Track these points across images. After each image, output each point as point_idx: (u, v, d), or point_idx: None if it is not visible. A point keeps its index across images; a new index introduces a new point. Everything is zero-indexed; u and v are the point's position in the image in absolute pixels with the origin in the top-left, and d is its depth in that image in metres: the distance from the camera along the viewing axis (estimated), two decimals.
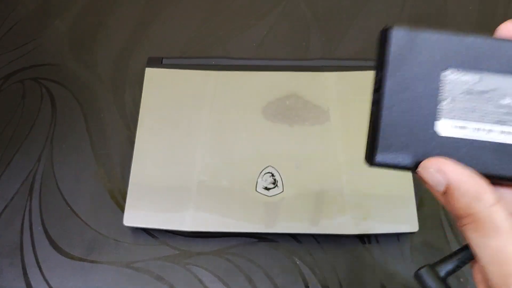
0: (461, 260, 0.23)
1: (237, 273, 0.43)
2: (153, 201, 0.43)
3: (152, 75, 0.50)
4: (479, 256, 0.21)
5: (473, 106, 0.22)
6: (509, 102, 0.22)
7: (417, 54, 0.22)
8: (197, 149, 0.46)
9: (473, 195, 0.21)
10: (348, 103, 0.47)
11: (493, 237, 0.20)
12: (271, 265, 0.43)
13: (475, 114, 0.22)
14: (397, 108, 0.22)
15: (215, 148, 0.46)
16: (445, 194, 0.21)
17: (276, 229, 0.42)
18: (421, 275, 0.23)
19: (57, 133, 0.50)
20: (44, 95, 0.52)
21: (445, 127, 0.22)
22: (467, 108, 0.22)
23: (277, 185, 0.44)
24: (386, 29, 0.23)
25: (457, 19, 0.57)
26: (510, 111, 0.22)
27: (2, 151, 0.49)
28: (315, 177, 0.44)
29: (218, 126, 0.47)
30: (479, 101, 0.22)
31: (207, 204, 0.43)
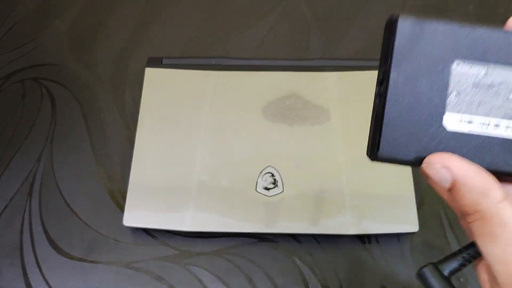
0: (465, 258, 0.23)
1: (237, 273, 0.43)
2: (153, 201, 0.43)
3: (152, 75, 0.50)
4: (485, 254, 0.20)
5: (480, 99, 0.21)
6: None
7: (424, 45, 0.21)
8: (197, 149, 0.45)
9: (480, 191, 0.20)
10: (348, 103, 0.47)
11: (501, 234, 0.19)
12: (271, 265, 0.43)
13: (482, 108, 0.21)
14: (402, 101, 0.22)
15: (215, 148, 0.46)
16: (451, 190, 0.21)
17: (276, 229, 0.42)
18: (424, 274, 0.22)
19: (57, 133, 0.50)
20: (44, 95, 0.52)
21: (451, 121, 0.21)
22: (474, 101, 0.21)
23: (277, 185, 0.44)
24: (392, 18, 0.22)
25: (457, 19, 0.57)
26: None
27: (2, 151, 0.49)
28: (315, 177, 0.44)
29: (218, 126, 0.47)
30: (487, 95, 0.21)
31: (207, 204, 0.43)
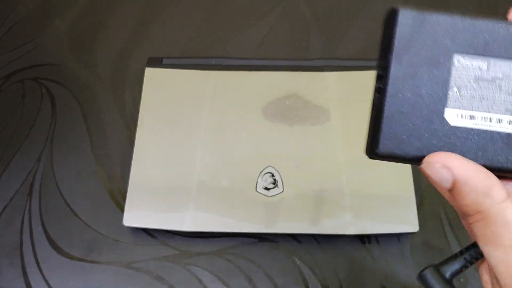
0: (467, 260, 0.22)
1: (237, 273, 0.43)
2: (153, 201, 0.43)
3: (152, 75, 0.50)
4: (488, 255, 0.20)
5: (483, 94, 0.21)
6: None
7: (425, 38, 0.21)
8: (197, 149, 0.45)
9: (481, 191, 0.19)
10: (348, 103, 0.47)
11: (504, 235, 0.19)
12: (271, 265, 0.43)
13: (484, 102, 0.21)
14: (402, 96, 0.21)
15: (215, 148, 0.46)
16: (452, 190, 0.20)
17: (276, 229, 0.42)
18: (425, 276, 0.22)
19: (57, 133, 0.50)
20: (44, 95, 0.52)
21: (452, 116, 0.21)
22: (476, 96, 0.21)
23: (277, 185, 0.44)
24: (392, 10, 0.21)
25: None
26: None
27: (2, 151, 0.49)
28: (315, 177, 0.44)
29: (218, 126, 0.47)
30: (489, 89, 0.21)
31: (207, 204, 0.43)
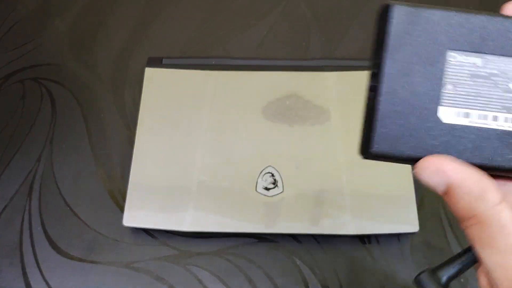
0: (464, 263, 0.22)
1: (237, 273, 0.43)
2: (153, 201, 0.43)
3: (152, 75, 0.50)
4: (484, 259, 0.19)
5: (478, 91, 0.20)
6: None
7: (419, 34, 0.20)
8: (197, 149, 0.45)
9: (476, 194, 0.19)
10: (348, 103, 0.47)
11: (499, 239, 0.19)
12: (271, 265, 0.43)
13: (480, 99, 0.20)
14: (396, 94, 0.20)
15: (215, 148, 0.46)
16: (446, 194, 0.20)
17: (276, 229, 0.42)
18: (421, 281, 0.22)
19: (57, 133, 0.50)
20: (44, 95, 0.52)
21: (447, 114, 0.20)
22: (472, 93, 0.20)
23: (277, 185, 0.44)
24: (385, 6, 0.21)
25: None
26: None
27: (2, 151, 0.49)
28: (315, 177, 0.44)
29: (218, 126, 0.47)
30: (485, 86, 0.20)
31: (207, 204, 0.43)
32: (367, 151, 0.21)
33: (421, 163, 0.20)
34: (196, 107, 0.48)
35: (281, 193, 0.43)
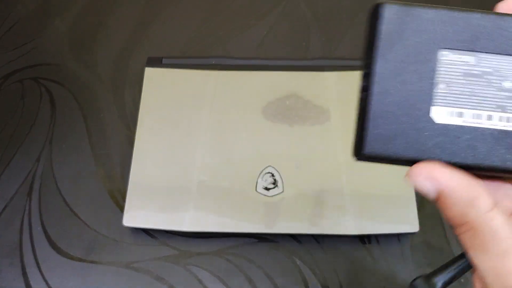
0: (459, 269, 0.22)
1: (237, 273, 0.43)
2: (153, 201, 0.43)
3: (151, 75, 0.50)
4: (477, 265, 0.19)
5: (471, 90, 0.20)
6: (510, 85, 0.20)
7: (411, 33, 0.20)
8: (197, 149, 0.45)
9: (466, 201, 0.19)
10: (348, 103, 0.47)
11: (492, 245, 0.19)
12: (271, 265, 0.43)
13: (473, 99, 0.20)
14: (388, 94, 0.20)
15: (215, 148, 0.46)
16: (438, 201, 0.20)
17: (276, 229, 0.42)
18: (416, 287, 0.22)
19: (57, 133, 0.50)
20: (43, 95, 0.52)
21: (440, 114, 0.20)
22: (465, 92, 0.20)
23: (277, 185, 0.44)
24: (376, 5, 0.20)
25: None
26: (511, 94, 0.20)
27: (2, 151, 0.49)
28: (315, 177, 0.44)
29: (218, 126, 0.47)
30: (478, 85, 0.20)
31: (207, 204, 0.43)
32: (359, 152, 0.21)
33: (412, 170, 0.20)
34: (196, 107, 0.48)
35: (281, 193, 0.43)
